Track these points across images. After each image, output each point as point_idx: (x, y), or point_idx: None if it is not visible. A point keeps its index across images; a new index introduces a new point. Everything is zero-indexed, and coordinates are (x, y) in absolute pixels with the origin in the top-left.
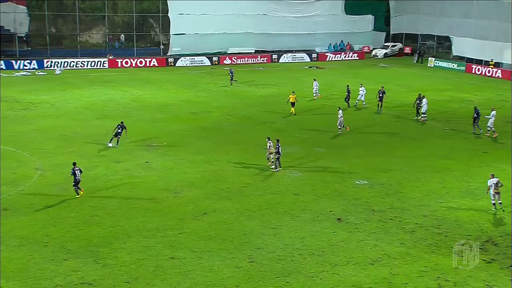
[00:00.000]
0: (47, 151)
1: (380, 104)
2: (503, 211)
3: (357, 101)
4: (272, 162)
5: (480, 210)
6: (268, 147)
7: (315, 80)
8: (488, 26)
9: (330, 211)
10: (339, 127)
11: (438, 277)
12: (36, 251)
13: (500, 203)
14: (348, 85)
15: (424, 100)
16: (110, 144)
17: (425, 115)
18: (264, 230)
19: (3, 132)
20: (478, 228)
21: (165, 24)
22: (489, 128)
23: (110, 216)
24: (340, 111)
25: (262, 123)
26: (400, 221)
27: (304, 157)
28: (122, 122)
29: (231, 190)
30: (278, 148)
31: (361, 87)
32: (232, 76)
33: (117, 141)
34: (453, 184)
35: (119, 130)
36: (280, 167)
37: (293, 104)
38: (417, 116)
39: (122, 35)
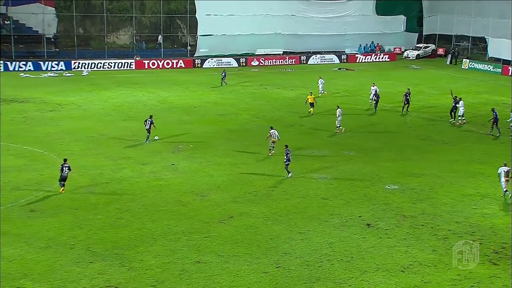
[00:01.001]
0: (74, 153)
1: (407, 106)
2: (507, 198)
3: (370, 100)
4: (271, 149)
5: None
6: (269, 136)
7: (320, 78)
8: None
9: (359, 216)
10: (338, 126)
11: (472, 286)
12: (63, 253)
13: (507, 191)
14: (377, 89)
15: (461, 103)
16: (147, 142)
17: (464, 118)
18: (292, 235)
19: (31, 133)
20: None
21: (193, 25)
22: None
23: (136, 218)
24: (339, 109)
25: (290, 126)
26: (432, 228)
27: (333, 161)
28: (150, 117)
29: (258, 193)
30: (287, 154)
31: (373, 86)
32: (224, 77)
33: (147, 137)
34: (488, 190)
35: (147, 127)
36: (289, 173)
37: (312, 104)
38: (452, 119)
39: (160, 36)
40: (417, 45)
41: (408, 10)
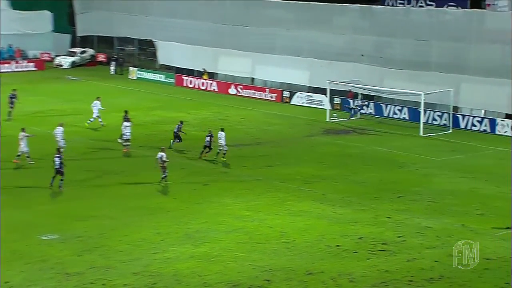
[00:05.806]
0: None
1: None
2: (166, 182)
3: (91, 120)
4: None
5: (202, 259)
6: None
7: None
8: (199, 27)
9: (6, 283)
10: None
11: None
12: None
13: (165, 177)
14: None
15: (125, 123)
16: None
17: (128, 143)
18: None
19: None
20: (201, 282)
21: None
22: (220, 149)
23: None
24: (23, 133)
25: None
26: (104, 284)
27: None
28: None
29: None
30: None
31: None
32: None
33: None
34: (169, 229)
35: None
36: None
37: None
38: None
39: None
40: (71, 50)
41: (55, 4)
